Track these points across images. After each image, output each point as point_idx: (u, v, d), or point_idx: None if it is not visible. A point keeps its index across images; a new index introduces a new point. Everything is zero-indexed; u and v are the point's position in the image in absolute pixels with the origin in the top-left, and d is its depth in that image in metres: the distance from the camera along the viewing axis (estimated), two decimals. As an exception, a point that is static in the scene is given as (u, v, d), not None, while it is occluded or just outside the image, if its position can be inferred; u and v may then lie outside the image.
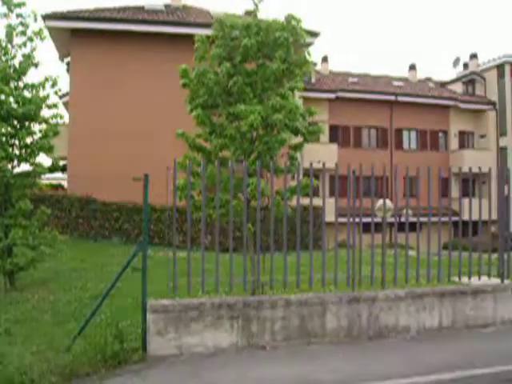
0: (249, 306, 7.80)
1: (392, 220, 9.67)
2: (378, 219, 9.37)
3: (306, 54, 10.27)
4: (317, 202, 10.07)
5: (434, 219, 9.20)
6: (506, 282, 9.42)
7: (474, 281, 9.34)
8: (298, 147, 10.43)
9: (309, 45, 26.05)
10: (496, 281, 9.42)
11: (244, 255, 8.19)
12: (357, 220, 8.83)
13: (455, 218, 9.93)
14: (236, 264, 8.18)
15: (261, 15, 10.57)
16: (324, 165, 8.96)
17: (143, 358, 7.30)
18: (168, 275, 7.81)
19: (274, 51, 10.00)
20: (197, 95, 10.07)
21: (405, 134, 40.65)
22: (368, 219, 8.87)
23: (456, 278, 9.33)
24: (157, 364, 7.15)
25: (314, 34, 26.08)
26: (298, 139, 10.46)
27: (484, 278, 9.39)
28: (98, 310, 7.78)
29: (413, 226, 8.96)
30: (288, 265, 8.37)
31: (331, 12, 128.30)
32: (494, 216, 9.67)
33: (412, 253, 9.43)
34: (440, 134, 41.75)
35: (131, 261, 7.59)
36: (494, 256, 9.68)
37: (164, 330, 7.46)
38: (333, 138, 37.52)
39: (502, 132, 41.82)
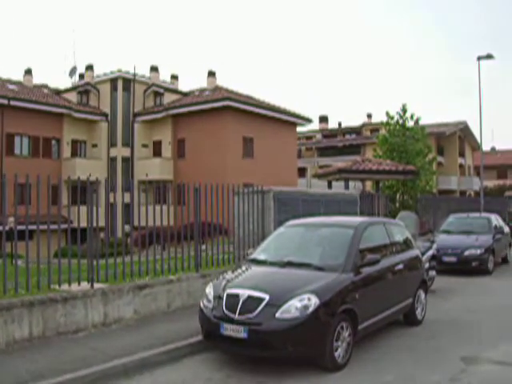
0: None
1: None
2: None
3: None
4: None
5: (44, 227, 9.16)
6: (97, 286, 9.67)
7: (66, 287, 9.35)
8: None
9: None
10: (87, 286, 9.59)
11: None
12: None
13: (65, 226, 10.01)
14: None
15: None
16: None
17: None
18: None
19: None
20: None
21: (17, 139, 39.26)
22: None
23: (56, 286, 9.26)
24: None
25: None
26: None
27: (74, 285, 9.49)
28: None
29: (24, 235, 8.76)
30: None
31: None
32: (103, 223, 10.12)
33: (21, 262, 9.18)
34: (53, 142, 41.59)
35: None
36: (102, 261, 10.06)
37: None
38: None
39: (112, 143, 43.80)
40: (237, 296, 7.66)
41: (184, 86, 51.35)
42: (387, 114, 31.98)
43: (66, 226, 9.80)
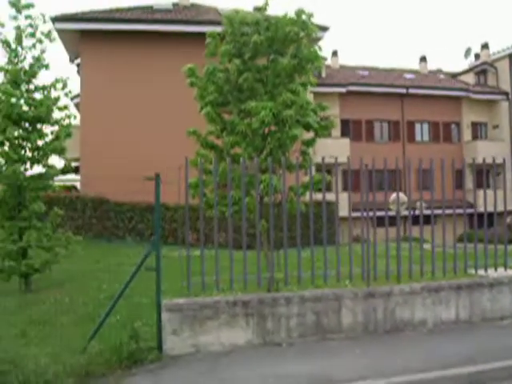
0: (263, 303, 7.75)
1: (406, 213, 9.61)
2: (391, 213, 9.29)
3: (317, 48, 10.12)
4: (330, 197, 10.04)
5: (449, 211, 9.11)
6: (510, 272, 9.32)
7: (491, 273, 9.23)
8: (310, 143, 10.31)
9: (319, 39, 25.92)
10: (503, 272, 9.31)
11: (258, 252, 8.14)
12: (370, 214, 8.77)
13: (470, 210, 9.78)
14: (250, 261, 8.14)
15: (270, 11, 10.48)
16: (336, 159, 8.89)
17: (159, 357, 7.27)
18: (182, 274, 7.78)
19: (285, 46, 9.90)
20: (206, 93, 10.00)
21: (417, 126, 40.33)
22: (382, 213, 8.81)
23: (472, 271, 9.23)
24: (173, 363, 7.14)
25: (324, 29, 25.91)
26: (310, 134, 10.36)
27: (500, 270, 9.28)
28: (113, 311, 7.75)
29: (427, 219, 8.89)
30: (302, 261, 8.32)
31: (340, 5, 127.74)
32: (510, 207, 9.58)
33: (426, 246, 9.35)
34: (452, 126, 41.43)
35: (145, 260, 7.53)
36: (510, 247, 9.58)
37: (179, 329, 7.44)
38: (344, 133, 37.23)
39: (516, 122, 41.42)
40: None
41: None
42: None
43: (471, 210, 9.51)
